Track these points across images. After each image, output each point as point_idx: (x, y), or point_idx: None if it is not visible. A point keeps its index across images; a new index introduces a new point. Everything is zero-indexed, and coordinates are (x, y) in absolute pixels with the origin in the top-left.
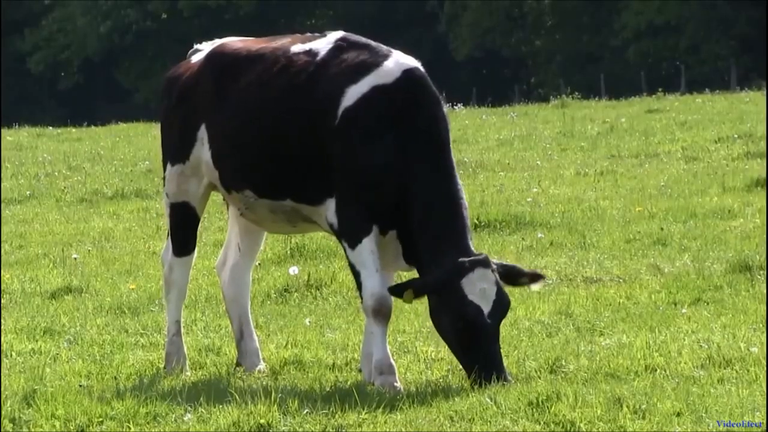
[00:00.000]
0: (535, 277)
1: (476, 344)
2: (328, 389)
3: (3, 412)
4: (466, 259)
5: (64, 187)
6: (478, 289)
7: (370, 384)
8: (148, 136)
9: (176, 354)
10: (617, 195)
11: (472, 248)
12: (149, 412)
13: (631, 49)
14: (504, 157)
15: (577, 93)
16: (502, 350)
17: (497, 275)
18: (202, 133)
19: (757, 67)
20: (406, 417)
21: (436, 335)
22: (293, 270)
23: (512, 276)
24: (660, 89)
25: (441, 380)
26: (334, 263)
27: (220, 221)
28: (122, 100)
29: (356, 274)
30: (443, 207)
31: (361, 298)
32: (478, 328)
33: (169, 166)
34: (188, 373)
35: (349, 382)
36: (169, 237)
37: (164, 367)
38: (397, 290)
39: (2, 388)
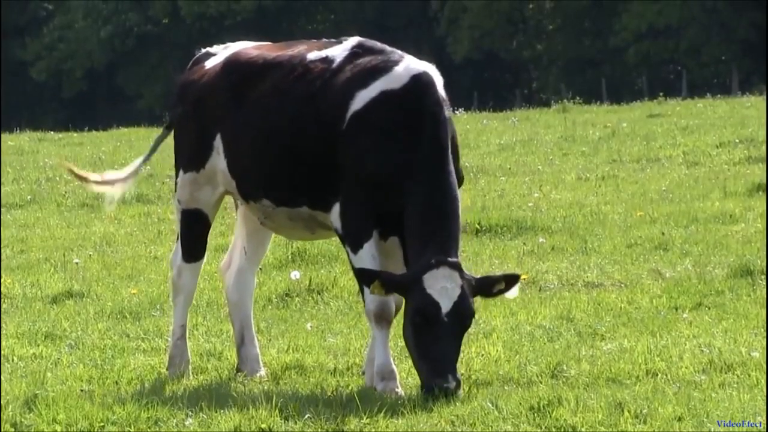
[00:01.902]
0: (511, 280)
1: (429, 342)
2: (329, 394)
3: (4, 417)
4: (435, 258)
5: (65, 192)
6: (440, 286)
7: (372, 389)
8: (149, 141)
9: (180, 357)
10: (618, 200)
11: (455, 256)
12: (151, 416)
13: (631, 51)
14: (505, 161)
15: (578, 97)
16: (496, 353)
17: (468, 285)
18: (218, 142)
19: (758, 70)
20: (407, 422)
21: None
22: (294, 274)
23: (487, 286)
24: (661, 93)
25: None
26: (336, 268)
27: (221, 225)
28: (125, 106)
29: (358, 278)
30: (433, 214)
31: (364, 303)
32: (432, 324)
33: (181, 173)
34: (191, 377)
35: (350, 387)
36: (179, 241)
37: (167, 370)
38: (368, 275)
39: (3, 393)
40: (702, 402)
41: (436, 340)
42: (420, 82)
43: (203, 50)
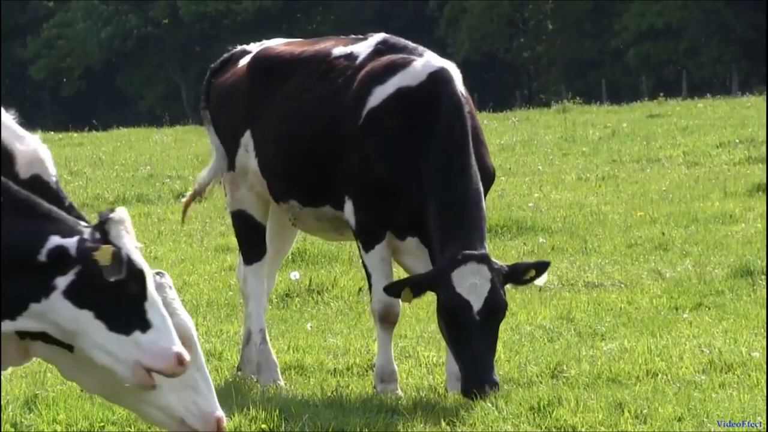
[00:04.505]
0: (541, 267)
1: (463, 341)
2: (329, 394)
3: (4, 417)
4: (461, 252)
5: (66, 192)
6: (469, 283)
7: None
8: (149, 141)
9: (266, 363)
10: (619, 200)
11: (481, 248)
12: None
13: (632, 52)
14: (505, 162)
15: (578, 98)
16: (496, 354)
17: (499, 277)
18: (247, 140)
19: (757, 72)
20: (407, 422)
21: (437, 340)
22: (294, 275)
23: (518, 273)
24: (661, 94)
25: (442, 385)
26: (336, 268)
27: (222, 226)
28: (125, 107)
29: (368, 276)
30: (456, 212)
31: (371, 301)
32: (464, 324)
33: (223, 173)
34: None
35: (350, 387)
36: (239, 250)
37: (257, 380)
38: (394, 289)
39: (3, 393)
40: (702, 402)
41: (471, 340)
42: (438, 77)
43: (239, 47)
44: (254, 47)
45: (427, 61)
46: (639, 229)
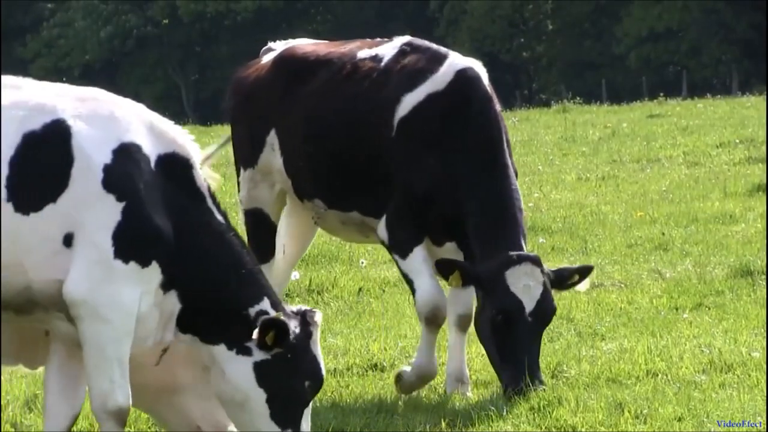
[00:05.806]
0: (584, 272)
1: (513, 342)
2: (329, 394)
3: (4, 417)
4: (515, 253)
5: None
6: (523, 284)
7: (400, 389)
8: None
9: None
10: (619, 200)
11: (525, 249)
12: (150, 416)
13: (633, 54)
14: None
15: (578, 98)
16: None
17: (548, 280)
18: (272, 139)
19: (757, 72)
20: (407, 422)
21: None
22: (294, 275)
23: (563, 279)
24: (661, 94)
25: (442, 385)
26: (336, 268)
27: None
28: None
29: (410, 283)
30: (496, 212)
31: (415, 304)
32: (516, 324)
33: (241, 170)
34: None
35: (350, 387)
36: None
37: None
38: (446, 267)
39: (3, 393)
40: (702, 402)
41: (520, 341)
42: (465, 77)
43: (267, 45)
44: (279, 45)
45: (451, 62)
46: (639, 229)
